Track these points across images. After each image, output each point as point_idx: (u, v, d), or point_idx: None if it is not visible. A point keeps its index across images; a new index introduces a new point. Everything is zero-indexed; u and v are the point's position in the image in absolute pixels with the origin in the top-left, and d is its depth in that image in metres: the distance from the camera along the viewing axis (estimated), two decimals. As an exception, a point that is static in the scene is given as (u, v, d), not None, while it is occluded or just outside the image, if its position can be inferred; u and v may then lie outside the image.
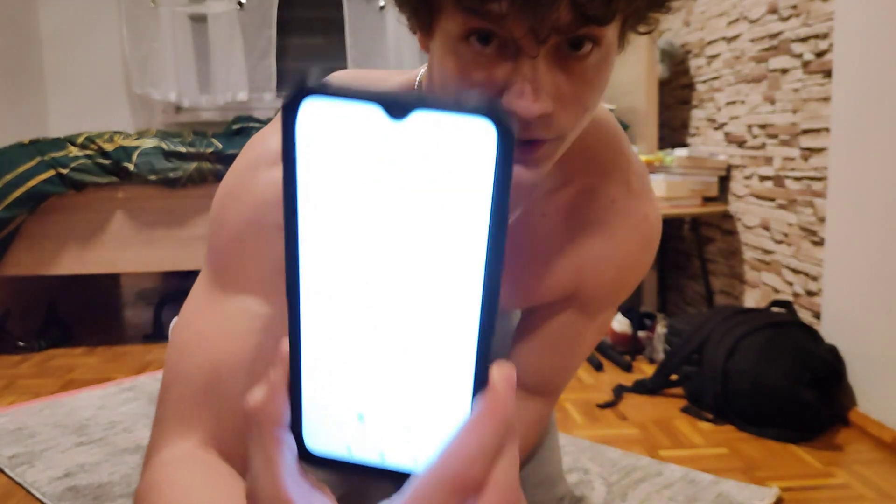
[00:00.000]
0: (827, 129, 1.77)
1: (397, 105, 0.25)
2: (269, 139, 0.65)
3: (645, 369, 2.10)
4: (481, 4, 0.47)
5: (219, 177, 2.37)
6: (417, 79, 0.66)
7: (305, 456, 0.31)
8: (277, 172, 0.62)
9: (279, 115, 0.29)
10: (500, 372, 0.29)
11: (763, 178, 2.09)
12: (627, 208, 0.71)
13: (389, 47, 3.49)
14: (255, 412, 0.30)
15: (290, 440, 0.31)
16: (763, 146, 2.08)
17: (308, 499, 0.30)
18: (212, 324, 0.63)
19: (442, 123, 0.25)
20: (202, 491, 0.55)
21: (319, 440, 0.31)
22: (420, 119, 0.25)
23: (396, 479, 0.30)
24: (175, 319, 0.69)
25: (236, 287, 0.63)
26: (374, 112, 0.25)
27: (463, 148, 0.25)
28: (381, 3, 3.59)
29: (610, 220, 0.70)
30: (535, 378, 0.79)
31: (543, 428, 0.84)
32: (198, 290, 0.66)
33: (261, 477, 0.30)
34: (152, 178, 2.31)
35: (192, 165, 2.34)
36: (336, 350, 0.29)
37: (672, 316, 2.35)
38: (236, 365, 0.61)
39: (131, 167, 2.30)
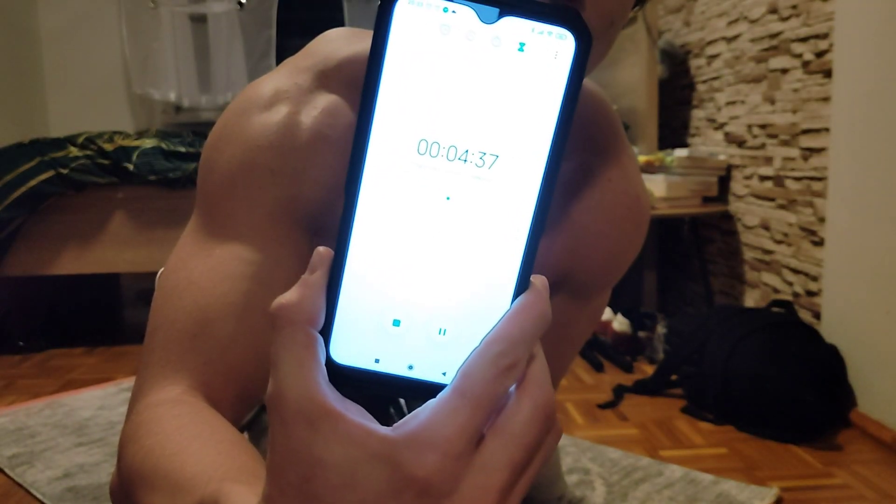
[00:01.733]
0: (827, 129, 1.77)
1: (489, 9, 0.27)
2: (262, 85, 0.64)
3: (645, 369, 2.10)
4: None
5: (219, 177, 2.37)
6: None
7: (329, 366, 0.30)
8: (271, 116, 0.62)
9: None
10: (539, 279, 0.31)
11: (763, 178, 2.09)
12: (622, 189, 0.71)
13: (389, 47, 3.49)
14: (287, 310, 0.29)
15: (321, 343, 0.30)
16: (763, 146, 2.08)
17: (342, 402, 0.29)
18: (201, 269, 0.61)
19: (528, 29, 0.27)
20: (193, 428, 0.53)
21: (347, 351, 0.30)
22: (509, 24, 0.27)
23: (422, 392, 0.30)
24: (161, 270, 0.67)
25: (226, 234, 0.62)
26: (468, 14, 0.27)
27: (544, 53, 0.28)
28: (381, 4, 3.59)
29: (606, 199, 0.70)
30: None
31: None
32: (187, 238, 0.65)
33: (290, 377, 0.29)
34: (152, 178, 2.31)
35: (192, 165, 2.34)
36: (385, 250, 0.29)
37: (672, 316, 2.35)
38: (225, 310, 0.59)
39: (131, 167, 2.30)
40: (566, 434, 1.62)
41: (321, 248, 0.30)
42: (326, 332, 0.30)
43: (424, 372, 0.30)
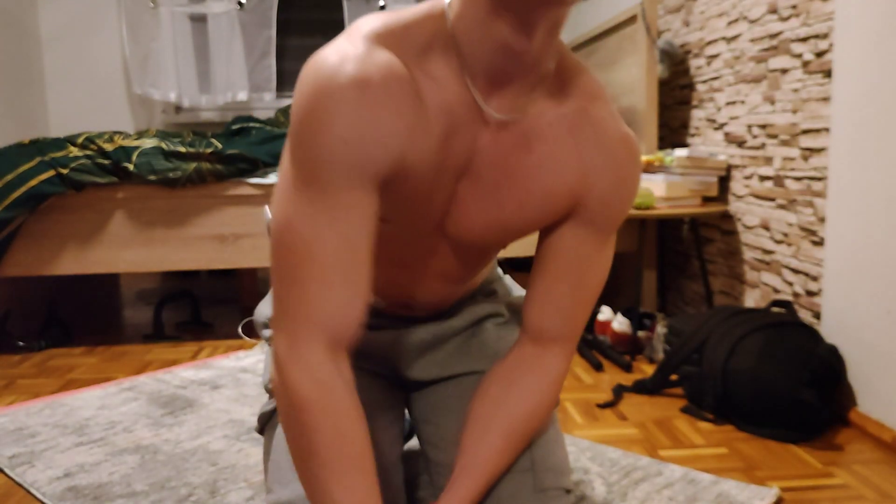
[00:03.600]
0: (827, 129, 1.77)
1: None
2: (326, 54, 0.72)
3: (645, 369, 2.10)
4: None
5: (219, 176, 2.37)
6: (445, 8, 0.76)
7: None
8: (340, 83, 0.70)
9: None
10: None
11: (763, 178, 2.09)
12: (615, 127, 0.82)
13: (389, 47, 3.49)
14: None
15: None
16: (763, 146, 2.08)
17: None
18: (313, 227, 0.73)
19: None
20: (352, 424, 0.74)
21: None
22: None
23: None
24: (269, 216, 0.80)
25: (337, 188, 0.73)
26: None
27: None
28: (382, 3, 3.59)
29: (603, 135, 0.82)
30: (553, 317, 0.89)
31: (562, 382, 0.93)
32: (293, 196, 0.74)
33: None
34: (152, 178, 2.31)
35: (192, 165, 2.34)
36: None
37: (672, 316, 2.35)
38: (339, 266, 0.74)
39: (131, 167, 2.30)
40: (566, 434, 1.62)
41: None
42: None
43: None
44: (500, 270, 1.19)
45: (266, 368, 1.08)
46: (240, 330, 0.78)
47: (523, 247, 2.47)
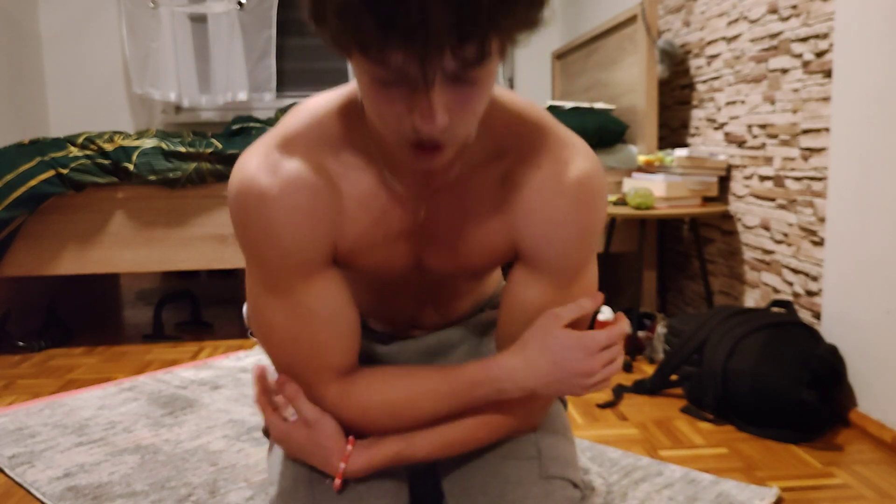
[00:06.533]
0: (827, 129, 1.77)
1: None
2: (246, 160, 0.82)
3: (645, 369, 2.10)
4: (381, 56, 0.61)
5: (219, 177, 2.37)
6: (358, 95, 0.81)
7: None
8: (255, 198, 0.79)
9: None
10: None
11: (763, 178, 2.09)
12: (553, 172, 0.82)
13: (389, 47, 3.49)
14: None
15: None
16: (763, 146, 2.08)
17: None
18: (284, 314, 0.84)
19: None
20: (399, 377, 0.88)
21: None
22: None
23: None
24: (246, 308, 0.91)
25: (294, 285, 0.83)
26: None
27: None
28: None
29: (537, 182, 0.82)
30: None
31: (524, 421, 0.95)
32: (260, 291, 0.85)
33: None
34: (152, 178, 2.31)
35: (192, 165, 2.34)
36: None
37: (672, 316, 2.35)
38: (326, 333, 0.85)
39: (131, 167, 2.30)
40: (566, 434, 1.62)
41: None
42: None
43: None
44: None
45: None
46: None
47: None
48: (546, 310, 0.85)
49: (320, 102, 0.84)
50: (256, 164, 0.80)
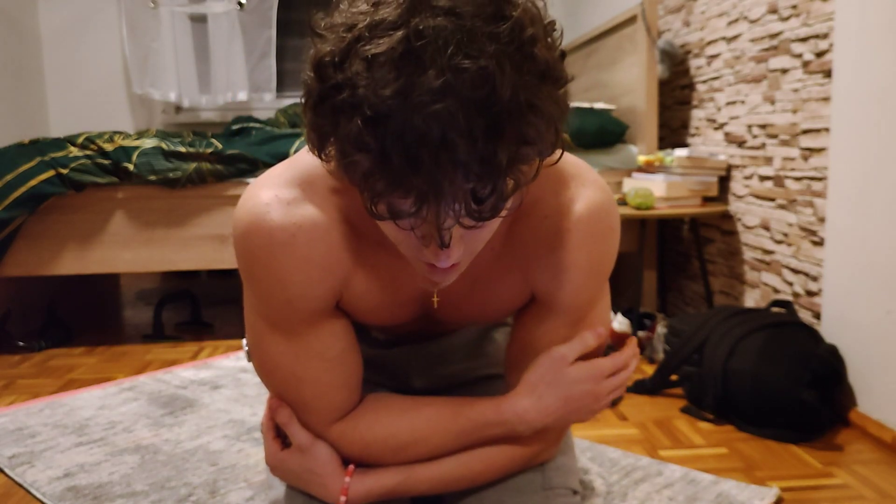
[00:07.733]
0: (827, 129, 1.77)
1: None
2: (258, 192, 0.77)
3: (645, 369, 2.10)
4: (398, 218, 0.59)
5: (219, 177, 2.37)
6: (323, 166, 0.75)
7: None
8: (267, 241, 0.75)
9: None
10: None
11: (763, 178, 2.09)
12: (557, 220, 0.80)
13: (389, 47, 3.49)
14: None
15: None
16: (763, 146, 2.08)
17: None
18: (290, 355, 0.83)
19: None
20: (400, 409, 0.86)
21: None
22: None
23: None
24: (245, 342, 0.89)
25: (299, 328, 0.81)
26: None
27: None
28: None
29: (543, 231, 0.80)
30: None
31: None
32: (263, 329, 0.82)
33: None
34: (152, 178, 2.31)
35: (192, 166, 2.34)
36: None
37: (672, 316, 2.35)
38: (325, 377, 0.84)
39: (131, 167, 2.30)
40: (566, 434, 1.62)
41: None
42: None
43: None
44: None
45: None
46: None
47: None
48: (556, 344, 0.84)
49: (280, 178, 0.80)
50: (268, 199, 0.75)
